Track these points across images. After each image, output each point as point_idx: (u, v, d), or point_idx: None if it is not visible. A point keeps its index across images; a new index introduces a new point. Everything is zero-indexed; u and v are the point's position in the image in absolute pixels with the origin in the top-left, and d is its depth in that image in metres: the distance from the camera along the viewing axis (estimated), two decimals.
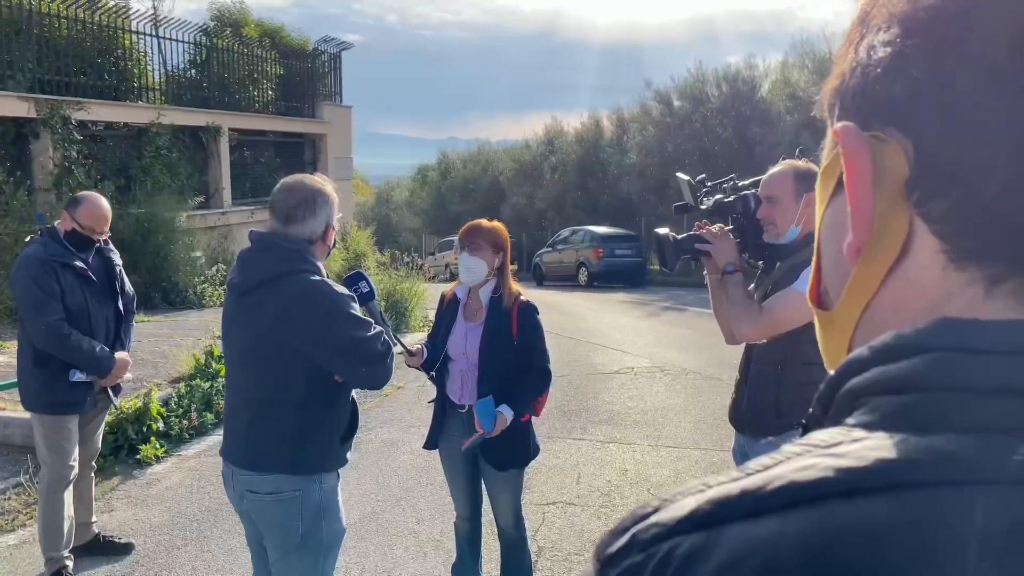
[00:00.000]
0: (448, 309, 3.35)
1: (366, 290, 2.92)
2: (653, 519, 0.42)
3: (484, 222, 3.27)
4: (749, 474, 0.41)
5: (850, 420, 0.43)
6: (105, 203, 3.86)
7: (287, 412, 2.51)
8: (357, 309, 2.58)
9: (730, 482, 0.41)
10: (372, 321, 2.61)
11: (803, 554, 0.36)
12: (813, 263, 0.54)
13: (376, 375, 2.60)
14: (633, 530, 0.42)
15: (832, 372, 0.46)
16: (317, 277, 2.53)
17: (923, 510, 0.37)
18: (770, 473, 0.40)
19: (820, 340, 0.54)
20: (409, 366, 3.32)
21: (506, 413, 3.15)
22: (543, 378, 3.26)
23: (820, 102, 0.53)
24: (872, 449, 0.39)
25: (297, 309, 2.46)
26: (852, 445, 0.40)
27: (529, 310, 3.22)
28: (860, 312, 0.49)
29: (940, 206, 0.44)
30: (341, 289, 2.59)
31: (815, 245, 0.54)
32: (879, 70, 0.46)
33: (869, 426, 0.41)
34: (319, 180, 2.68)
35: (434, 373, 3.35)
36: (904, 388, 0.42)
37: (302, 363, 2.49)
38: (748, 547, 0.37)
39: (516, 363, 3.20)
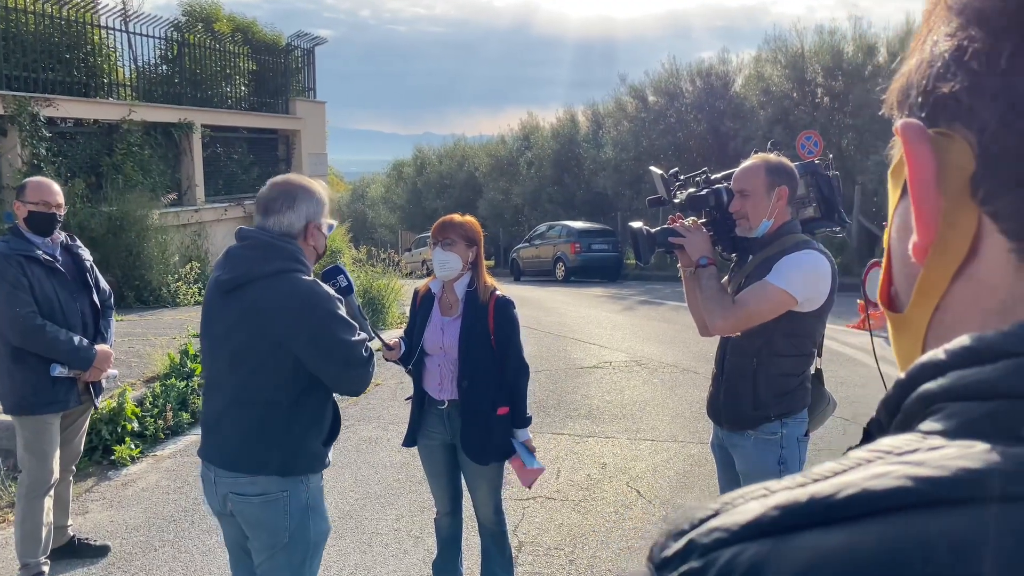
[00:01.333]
0: (423, 304, 3.35)
1: (344, 284, 2.91)
2: (714, 523, 0.39)
3: (456, 217, 3.28)
4: (816, 480, 0.38)
5: (924, 426, 0.40)
6: (49, 180, 3.86)
7: (278, 414, 2.49)
8: (344, 311, 2.57)
9: (796, 487, 0.38)
10: (357, 326, 2.59)
11: (879, 568, 0.33)
12: (883, 263, 0.53)
13: (357, 380, 2.58)
14: (692, 534, 0.39)
15: (902, 375, 0.44)
16: (308, 278, 2.52)
17: (1014, 525, 0.34)
18: (840, 480, 0.37)
19: (893, 343, 0.53)
20: (387, 359, 3.31)
21: (523, 436, 3.31)
22: (524, 374, 3.30)
23: (888, 100, 0.51)
24: (953, 458, 0.36)
25: (288, 308, 2.44)
26: (929, 453, 0.37)
27: (506, 304, 3.24)
28: (931, 314, 0.48)
29: (1007, 203, 0.42)
30: (330, 291, 2.57)
31: (884, 246, 0.53)
32: (940, 65, 0.45)
33: (947, 433, 0.38)
34: (307, 180, 2.66)
35: (411, 368, 3.35)
36: (987, 394, 0.39)
37: (292, 364, 2.47)
38: (818, 559, 0.34)
39: (493, 357, 3.20)
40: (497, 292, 3.26)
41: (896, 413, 0.43)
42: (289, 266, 2.49)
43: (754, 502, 0.39)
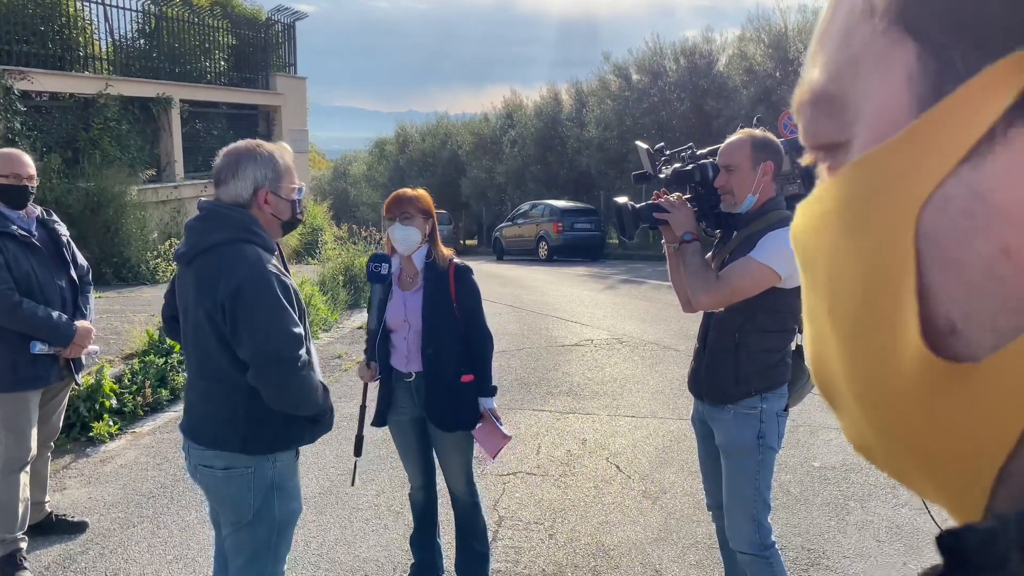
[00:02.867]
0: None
1: (384, 273, 3.05)
2: None
3: (409, 191, 3.29)
4: None
5: None
6: (20, 151, 3.78)
7: (238, 393, 2.43)
8: (290, 296, 2.43)
9: None
10: (298, 319, 2.44)
11: None
12: (911, 280, 0.32)
13: (275, 378, 2.36)
14: None
15: None
16: (255, 248, 2.41)
17: None
18: None
19: (918, 406, 0.33)
20: (361, 378, 3.29)
21: (487, 405, 3.29)
22: (488, 341, 3.32)
23: (864, 8, 0.34)
24: None
25: (223, 278, 2.35)
26: None
27: (465, 271, 3.27)
28: None
29: None
30: (274, 270, 2.42)
31: (911, 253, 0.32)
32: None
33: None
34: (258, 143, 2.53)
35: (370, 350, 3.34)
36: None
37: None
38: None
39: (456, 324, 3.23)
40: (455, 260, 3.29)
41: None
42: (236, 236, 2.41)
43: None
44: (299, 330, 2.41)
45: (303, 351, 2.42)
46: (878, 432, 0.36)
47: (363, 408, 3.31)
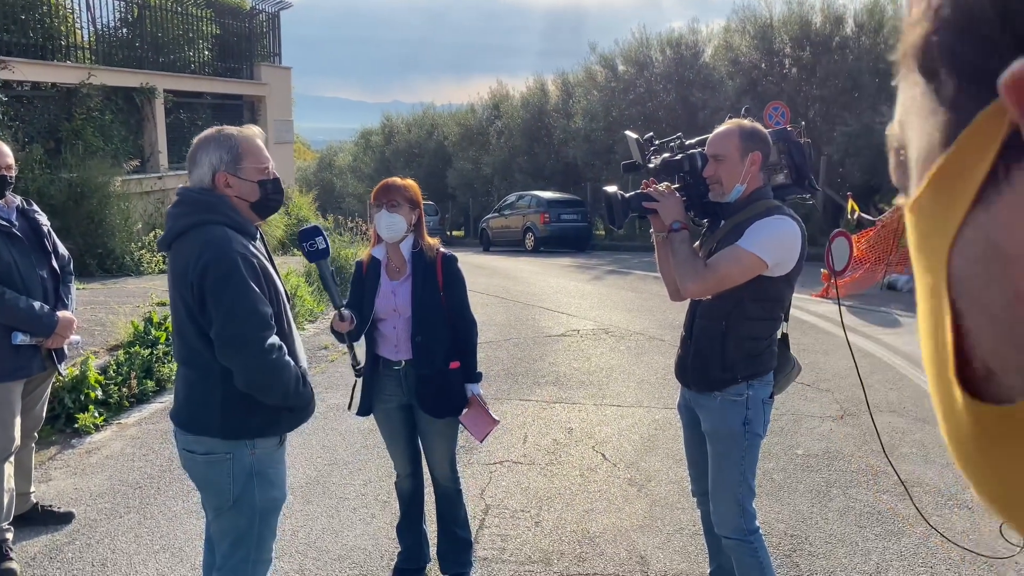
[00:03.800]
0: (369, 273, 3.34)
1: (322, 247, 2.89)
2: None
3: (398, 180, 3.31)
4: None
5: None
6: None
7: (215, 378, 2.44)
8: (258, 277, 2.42)
9: None
10: (270, 301, 2.44)
11: None
12: (946, 322, 0.33)
13: (247, 361, 2.39)
14: None
15: None
16: (224, 229, 2.41)
17: None
18: None
19: (977, 450, 0.33)
20: (334, 330, 3.17)
21: (475, 391, 3.36)
22: (473, 328, 3.38)
23: (903, 51, 0.34)
24: None
25: (193, 259, 2.36)
26: None
27: (452, 260, 3.33)
28: None
29: None
30: (243, 250, 2.41)
31: (946, 298, 0.33)
32: None
33: None
34: (220, 130, 2.53)
35: (349, 339, 3.32)
36: None
37: None
38: None
39: (443, 312, 3.28)
40: (441, 250, 3.34)
41: None
42: (205, 218, 2.43)
43: None
44: (266, 310, 2.41)
45: (270, 332, 2.42)
46: (966, 475, 0.35)
47: (350, 345, 3.21)
